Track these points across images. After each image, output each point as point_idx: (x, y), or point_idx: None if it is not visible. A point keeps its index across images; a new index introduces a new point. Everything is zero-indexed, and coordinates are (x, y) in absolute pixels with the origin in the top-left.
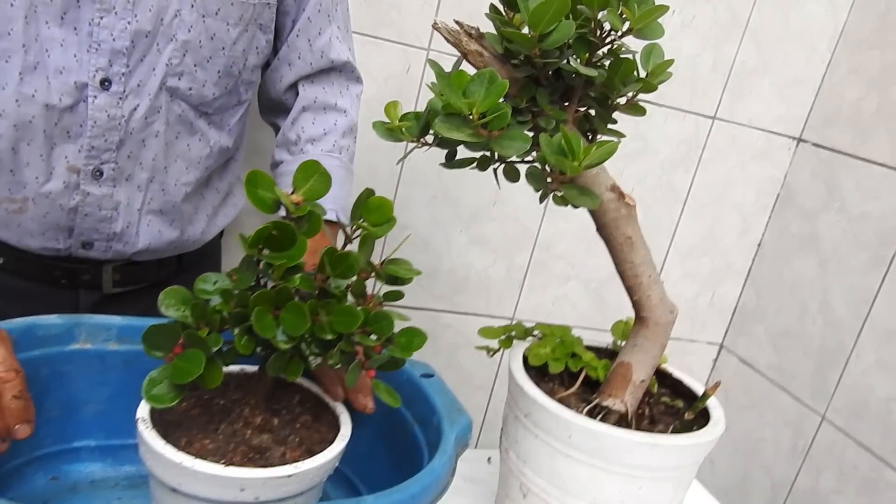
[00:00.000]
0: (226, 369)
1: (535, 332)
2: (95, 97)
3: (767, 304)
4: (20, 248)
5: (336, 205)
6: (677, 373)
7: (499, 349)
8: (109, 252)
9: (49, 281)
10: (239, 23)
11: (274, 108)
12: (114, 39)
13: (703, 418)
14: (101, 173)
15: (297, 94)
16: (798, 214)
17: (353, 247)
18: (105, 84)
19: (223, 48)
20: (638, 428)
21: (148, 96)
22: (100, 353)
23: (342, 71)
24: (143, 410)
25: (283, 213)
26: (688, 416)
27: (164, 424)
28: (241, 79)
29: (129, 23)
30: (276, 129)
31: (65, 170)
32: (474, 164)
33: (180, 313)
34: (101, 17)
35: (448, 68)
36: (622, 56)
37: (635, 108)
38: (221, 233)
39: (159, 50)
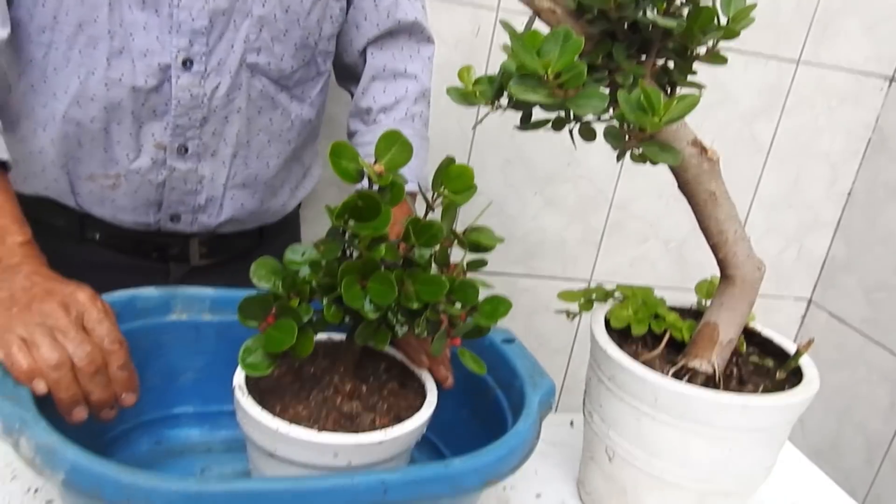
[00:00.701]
0: (315, 338)
1: (616, 294)
2: (179, 77)
3: (859, 256)
4: (114, 224)
5: (412, 174)
6: (766, 331)
7: (579, 312)
8: (195, 225)
9: (141, 254)
10: None
11: (347, 76)
12: (193, 20)
13: (794, 377)
14: (187, 149)
15: (367, 61)
16: (891, 160)
17: (435, 215)
18: (187, 64)
19: (298, 20)
20: (726, 389)
21: (229, 73)
22: (195, 323)
23: (411, 33)
24: (240, 378)
25: (365, 183)
26: (779, 375)
27: (259, 391)
28: (317, 49)
29: (206, 2)
30: (352, 95)
31: (152, 147)
32: (549, 126)
33: (271, 284)
34: None
35: (520, 28)
36: (701, 4)
37: (716, 58)
38: (300, 203)
39: (236, 27)
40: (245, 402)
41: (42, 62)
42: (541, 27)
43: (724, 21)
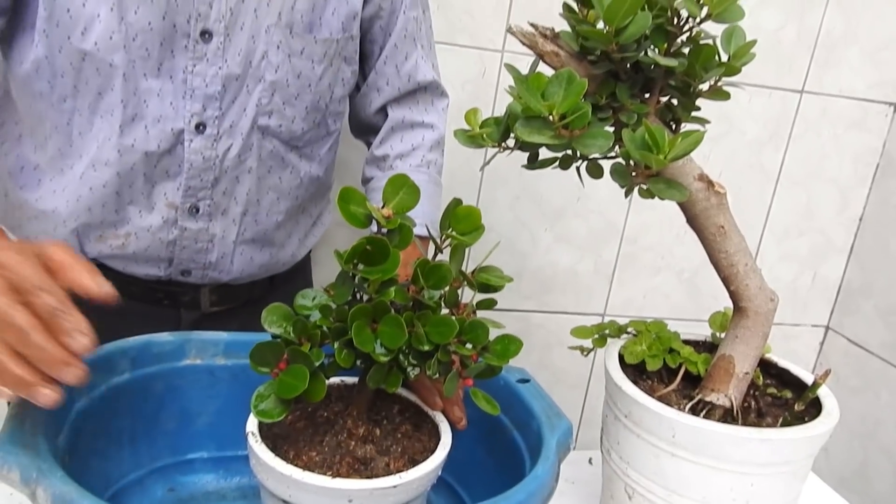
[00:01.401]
0: (327, 382)
1: (630, 329)
2: (191, 141)
3: (875, 281)
4: (126, 274)
5: (425, 219)
6: (783, 362)
7: (593, 348)
8: (206, 279)
9: (152, 301)
10: (323, 59)
11: (364, 130)
12: (206, 85)
13: (813, 408)
14: (198, 209)
15: (386, 115)
16: None
17: (444, 257)
18: (200, 128)
19: (310, 85)
20: (745, 422)
21: (241, 136)
22: (209, 367)
23: (427, 89)
24: (253, 424)
25: (374, 227)
26: (798, 406)
27: (273, 437)
28: (328, 111)
29: (220, 68)
30: (368, 144)
31: (164, 206)
32: (556, 164)
33: (283, 329)
34: (195, 65)
35: (524, 70)
36: (702, 42)
37: (719, 94)
38: (310, 251)
39: (249, 92)
40: (258, 448)
41: (67, 128)
42: (545, 70)
43: (724, 58)
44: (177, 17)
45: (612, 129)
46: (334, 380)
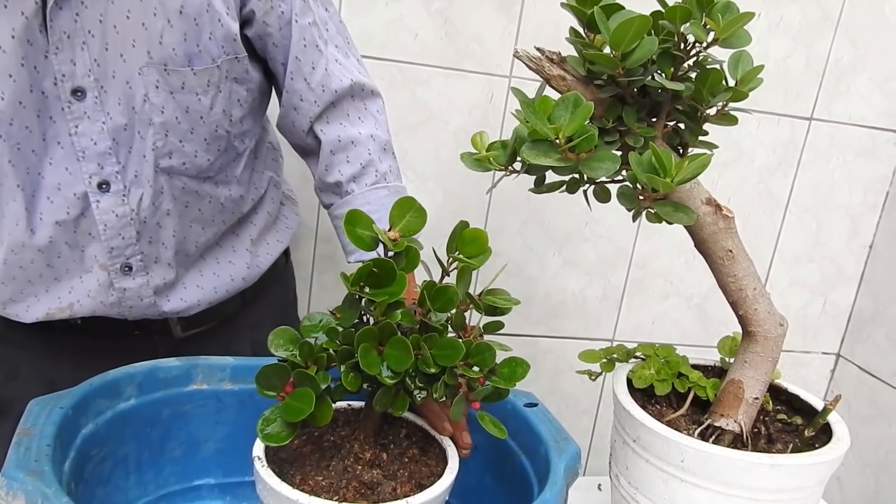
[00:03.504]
0: (334, 406)
1: (638, 354)
2: (98, 201)
3: (886, 309)
4: (90, 317)
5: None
6: (792, 387)
7: (601, 373)
8: (167, 317)
9: (124, 333)
10: (208, 89)
11: (303, 152)
12: (95, 143)
13: (824, 434)
14: (130, 267)
15: (319, 140)
16: None
17: (450, 279)
18: (103, 187)
19: (201, 117)
20: (755, 448)
21: (148, 183)
22: (216, 392)
23: (353, 96)
24: (259, 449)
25: (380, 250)
26: (808, 433)
27: (279, 462)
28: (231, 135)
29: (104, 123)
30: (311, 170)
31: (98, 269)
32: (563, 188)
33: (289, 353)
34: (77, 126)
35: (531, 94)
36: (709, 67)
37: (727, 118)
38: (288, 257)
39: (142, 137)
40: (264, 473)
41: None
42: (552, 94)
43: (732, 83)
44: (43, 83)
45: (619, 153)
46: (341, 404)
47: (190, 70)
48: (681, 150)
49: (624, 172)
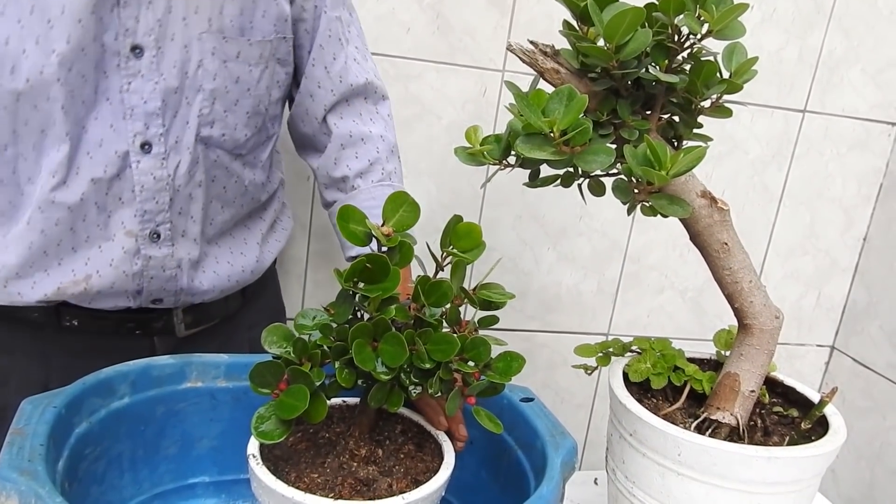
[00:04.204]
0: (328, 402)
1: (634, 347)
2: (139, 162)
3: (880, 301)
4: (92, 308)
5: None
6: (789, 380)
7: (597, 367)
8: (179, 303)
9: (123, 333)
10: (259, 62)
11: (307, 145)
12: (145, 102)
13: (820, 427)
14: (159, 235)
15: (331, 132)
16: None
17: (445, 274)
18: (145, 147)
19: (248, 89)
20: (751, 441)
21: (187, 150)
22: (210, 390)
23: (367, 96)
24: (253, 447)
25: (373, 245)
26: (804, 425)
27: (274, 459)
28: (267, 115)
29: (156, 83)
30: (312, 166)
31: (123, 236)
32: (558, 182)
33: (283, 349)
34: (129, 83)
35: (525, 88)
36: (703, 59)
37: (721, 111)
38: (275, 260)
39: (189, 103)
40: (259, 471)
41: (14, 177)
42: (546, 87)
43: (726, 75)
44: (104, 35)
45: (613, 146)
46: (336, 400)
47: (246, 40)
48: (675, 143)
49: (619, 165)
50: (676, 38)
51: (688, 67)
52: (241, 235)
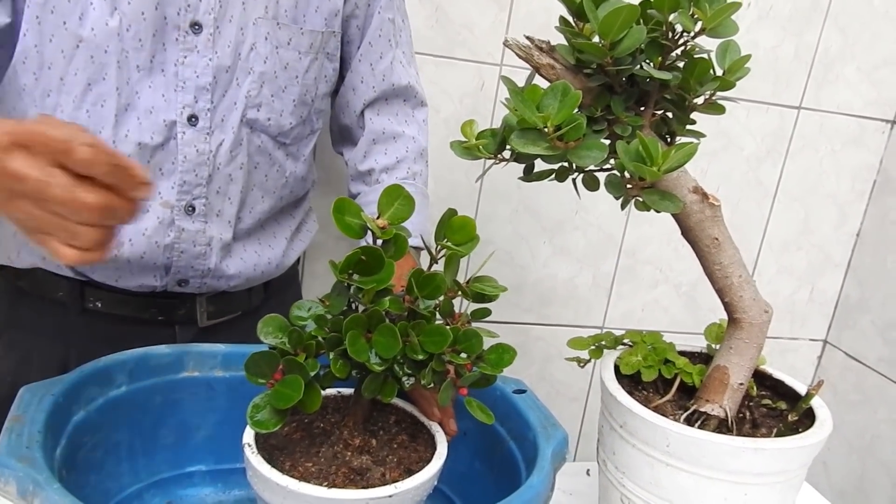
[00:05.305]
0: (323, 393)
1: (626, 340)
2: (184, 133)
3: (872, 296)
4: (118, 288)
5: (415, 230)
6: (777, 373)
7: (590, 360)
8: (204, 287)
9: (146, 319)
10: (309, 51)
11: (344, 137)
12: (197, 76)
13: (808, 419)
14: (194, 209)
15: (365, 126)
16: None
17: (439, 267)
18: (192, 120)
19: (297, 77)
20: (739, 433)
21: (231, 130)
22: (207, 380)
23: (406, 98)
24: (249, 436)
25: (369, 238)
26: (791, 417)
27: (269, 449)
28: (313, 107)
29: (210, 60)
30: (345, 158)
31: (159, 206)
32: (553, 176)
33: (278, 340)
34: (185, 57)
35: (521, 82)
36: (696, 56)
37: (714, 107)
38: (300, 258)
39: (238, 84)
40: (254, 459)
41: None
42: (541, 83)
43: (719, 72)
44: (167, 8)
45: (607, 142)
46: (330, 391)
47: (298, 28)
48: (669, 139)
49: (612, 161)
50: (670, 35)
51: (681, 64)
52: (271, 229)
